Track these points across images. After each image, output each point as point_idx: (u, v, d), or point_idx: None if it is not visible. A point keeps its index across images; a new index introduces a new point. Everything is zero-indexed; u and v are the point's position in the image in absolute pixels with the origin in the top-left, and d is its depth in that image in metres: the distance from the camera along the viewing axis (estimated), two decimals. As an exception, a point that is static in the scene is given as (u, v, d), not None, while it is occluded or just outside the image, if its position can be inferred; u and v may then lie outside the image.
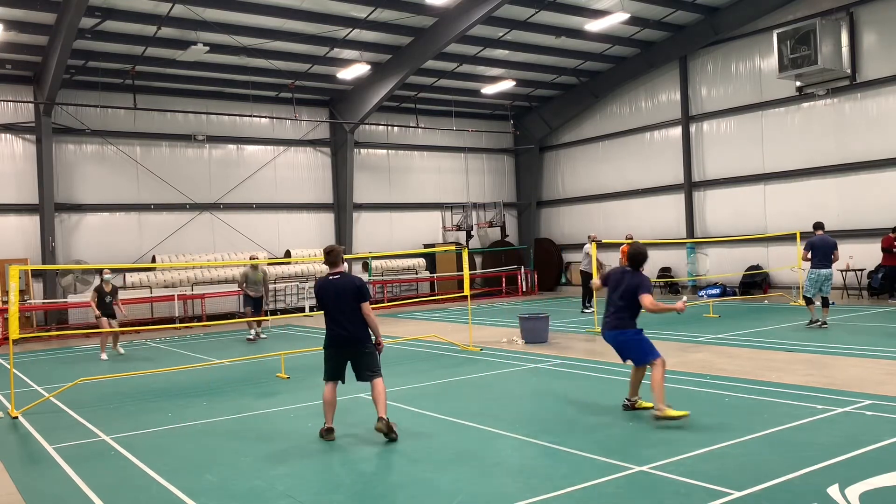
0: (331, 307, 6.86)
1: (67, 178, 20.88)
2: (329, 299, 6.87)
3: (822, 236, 13.50)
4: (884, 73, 18.77)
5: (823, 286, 13.38)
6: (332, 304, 6.85)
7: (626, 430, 6.93)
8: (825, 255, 13.26)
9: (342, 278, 6.96)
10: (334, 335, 6.94)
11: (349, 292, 6.83)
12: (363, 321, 6.92)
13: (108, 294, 14.12)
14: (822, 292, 13.45)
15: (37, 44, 18.66)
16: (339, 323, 6.88)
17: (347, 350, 6.91)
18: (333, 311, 6.87)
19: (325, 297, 6.90)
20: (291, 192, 24.67)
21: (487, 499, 5.26)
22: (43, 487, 6.10)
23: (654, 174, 24.97)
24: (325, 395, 7.08)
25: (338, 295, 6.86)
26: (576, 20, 20.76)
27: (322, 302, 6.94)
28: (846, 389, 8.17)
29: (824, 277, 13.31)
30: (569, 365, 10.84)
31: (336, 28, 19.66)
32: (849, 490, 5.01)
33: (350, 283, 6.92)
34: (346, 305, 6.82)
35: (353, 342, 6.88)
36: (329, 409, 7.06)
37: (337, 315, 6.89)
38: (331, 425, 7.04)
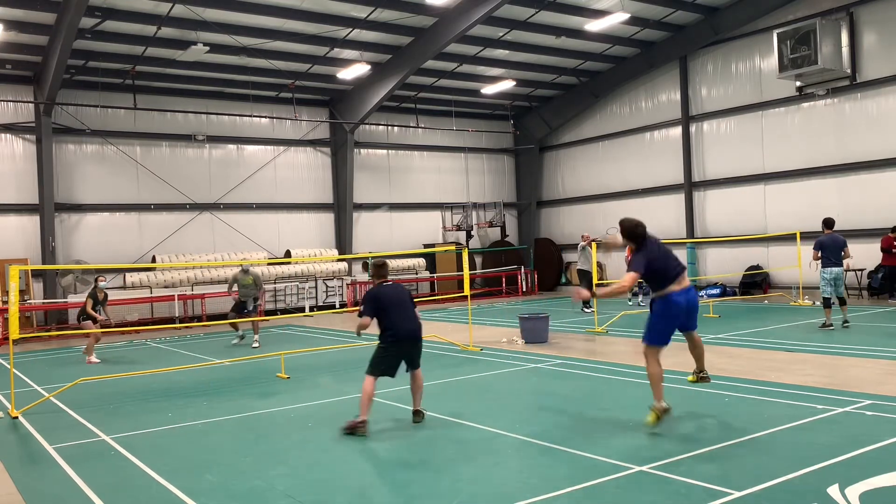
0: (394, 309, 7.52)
1: (67, 178, 20.88)
2: (392, 303, 7.55)
3: (832, 235, 13.26)
4: (884, 73, 18.77)
5: (837, 285, 13.16)
6: (396, 306, 7.55)
7: (626, 430, 6.92)
8: (835, 253, 13.05)
9: (395, 285, 7.84)
10: (403, 331, 7.51)
11: (407, 296, 7.74)
12: (419, 320, 7.77)
13: (101, 303, 14.05)
14: (836, 292, 13.20)
15: (37, 44, 18.66)
16: (405, 321, 7.54)
17: (413, 345, 7.62)
18: (398, 312, 7.53)
19: (387, 301, 7.54)
20: (291, 192, 24.67)
21: (487, 499, 5.25)
22: (43, 487, 6.10)
23: (654, 174, 24.97)
24: (368, 389, 7.29)
25: (400, 299, 7.64)
26: (576, 20, 20.76)
27: (383, 305, 7.51)
28: (846, 389, 8.17)
29: (835, 276, 13.08)
30: (569, 365, 10.83)
31: (336, 28, 19.66)
32: (849, 490, 5.01)
33: (405, 289, 7.91)
34: (407, 307, 7.64)
35: (417, 337, 7.66)
36: (369, 402, 7.28)
37: (402, 314, 7.54)
38: (366, 418, 7.23)
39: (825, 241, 13.15)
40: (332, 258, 24.40)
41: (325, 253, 24.35)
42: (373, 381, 7.35)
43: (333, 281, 23.99)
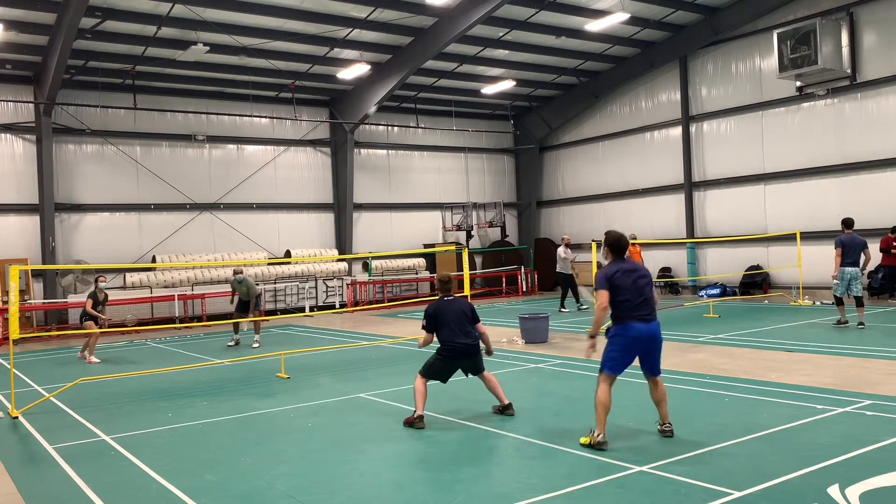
0: (452, 325, 7.71)
1: (67, 178, 20.88)
2: (450, 319, 7.75)
3: (851, 235, 13.28)
4: (884, 73, 18.77)
5: (852, 285, 13.17)
6: (454, 322, 7.75)
7: (626, 430, 6.93)
8: (854, 253, 13.06)
9: (455, 300, 7.97)
10: (460, 347, 7.69)
11: (466, 311, 7.87)
12: (477, 334, 7.90)
13: (101, 303, 14.10)
14: (851, 291, 13.21)
15: (37, 44, 18.67)
16: (462, 336, 7.70)
17: (469, 358, 7.80)
18: (455, 327, 7.70)
19: (444, 318, 7.76)
20: (291, 192, 24.67)
21: (487, 499, 5.25)
22: (43, 487, 6.10)
23: (654, 174, 24.97)
24: (420, 388, 7.62)
25: (458, 314, 7.81)
26: (576, 20, 20.75)
27: (441, 321, 7.74)
28: (846, 389, 8.17)
29: (851, 276, 13.12)
30: (569, 365, 10.83)
31: (336, 28, 19.66)
32: (849, 490, 5.01)
33: (465, 304, 8.00)
34: (465, 322, 7.77)
35: (473, 352, 7.80)
36: (423, 398, 7.58)
37: (459, 330, 7.70)
38: (422, 413, 7.50)
39: (846, 241, 13.13)
40: (332, 258, 24.40)
41: (325, 253, 24.35)
42: (424, 382, 7.67)
43: (333, 281, 24.00)
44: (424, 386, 7.64)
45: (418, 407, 7.52)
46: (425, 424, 7.41)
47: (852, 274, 13.09)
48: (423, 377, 7.69)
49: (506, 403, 7.80)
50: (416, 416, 7.46)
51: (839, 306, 13.39)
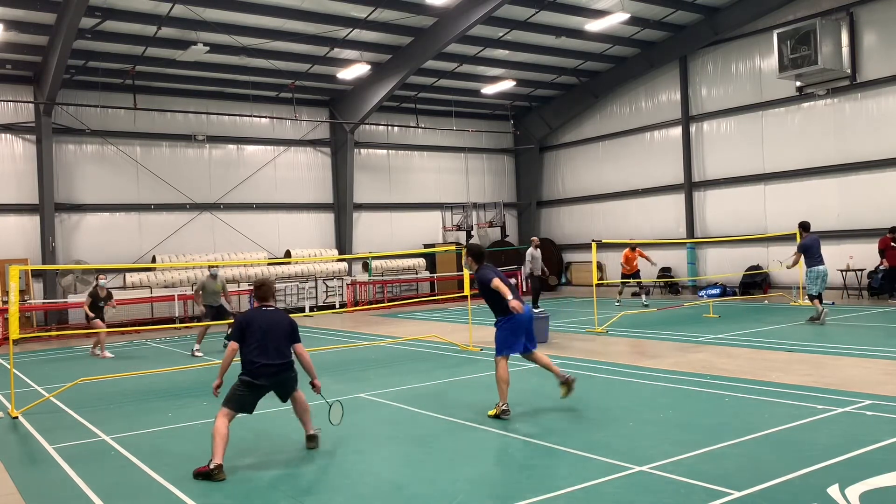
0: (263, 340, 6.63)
1: (67, 178, 20.88)
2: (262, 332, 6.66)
3: (813, 236, 14.13)
4: (884, 73, 18.77)
5: (825, 282, 13.99)
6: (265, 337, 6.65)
7: (627, 430, 6.93)
8: (819, 252, 13.86)
9: (278, 311, 6.86)
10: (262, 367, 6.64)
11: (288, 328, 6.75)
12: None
13: (103, 299, 14.17)
14: (821, 288, 14.04)
15: (37, 44, 18.67)
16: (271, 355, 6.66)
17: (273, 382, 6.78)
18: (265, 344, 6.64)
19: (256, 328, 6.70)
20: (291, 192, 24.67)
21: (487, 499, 5.25)
22: (43, 487, 6.10)
23: (654, 174, 24.97)
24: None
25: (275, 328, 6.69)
26: (576, 20, 20.76)
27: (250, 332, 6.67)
28: (846, 389, 8.17)
29: (824, 273, 13.92)
30: (569, 365, 10.82)
31: (336, 28, 19.66)
32: (849, 490, 5.01)
33: (288, 319, 6.84)
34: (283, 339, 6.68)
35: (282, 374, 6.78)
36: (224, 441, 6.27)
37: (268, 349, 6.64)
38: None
39: (809, 243, 13.93)
40: (332, 258, 24.40)
41: (325, 253, 24.34)
42: (224, 420, 6.42)
43: (333, 281, 23.99)
44: (225, 426, 6.26)
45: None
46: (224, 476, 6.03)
47: (825, 271, 13.87)
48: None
49: (309, 433, 6.74)
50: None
51: (814, 301, 14.01)
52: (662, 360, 10.78)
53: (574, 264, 28.45)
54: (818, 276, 13.87)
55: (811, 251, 13.84)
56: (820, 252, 13.94)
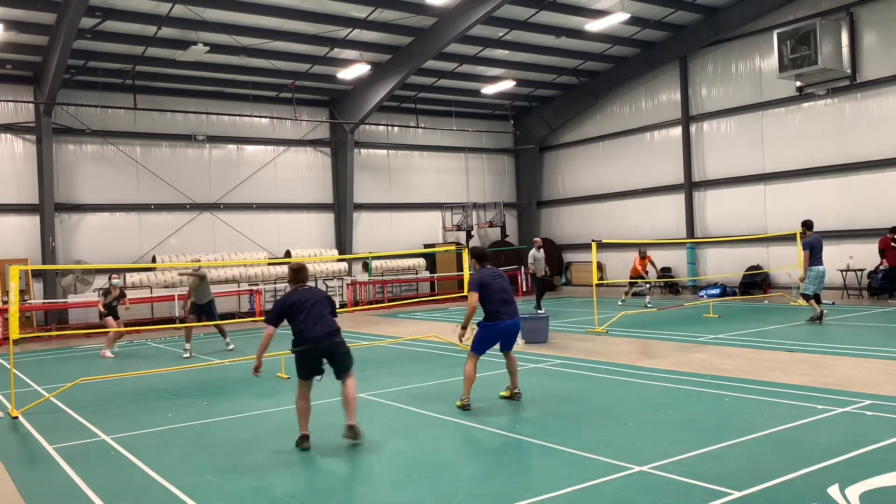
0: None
1: (67, 178, 20.88)
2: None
3: (816, 235, 14.03)
4: (884, 73, 18.77)
5: (822, 282, 13.96)
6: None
7: (626, 430, 6.93)
8: (821, 251, 13.81)
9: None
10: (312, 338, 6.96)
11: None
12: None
13: (116, 298, 14.30)
14: (819, 289, 14.00)
15: (37, 44, 18.66)
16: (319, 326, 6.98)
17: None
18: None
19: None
20: (291, 192, 24.67)
21: (487, 499, 5.25)
22: (43, 487, 6.10)
23: (654, 174, 24.97)
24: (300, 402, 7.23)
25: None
26: (576, 20, 20.76)
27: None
28: (846, 389, 8.17)
29: (824, 273, 13.89)
30: (569, 365, 10.83)
31: (336, 28, 19.66)
32: (849, 490, 5.01)
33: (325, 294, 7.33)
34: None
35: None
36: (306, 414, 7.03)
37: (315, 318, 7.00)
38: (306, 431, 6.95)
39: (813, 242, 13.83)
40: (332, 258, 24.40)
41: (325, 253, 24.34)
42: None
43: (333, 281, 23.99)
44: (304, 399, 6.93)
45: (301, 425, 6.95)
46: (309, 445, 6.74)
47: (823, 271, 13.82)
48: (301, 382, 7.02)
49: (350, 423, 6.84)
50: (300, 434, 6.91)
51: (810, 301, 13.91)
52: (662, 360, 10.78)
53: (574, 264, 28.46)
54: (818, 276, 13.84)
55: (815, 250, 13.79)
56: (821, 252, 13.91)
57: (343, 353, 7.00)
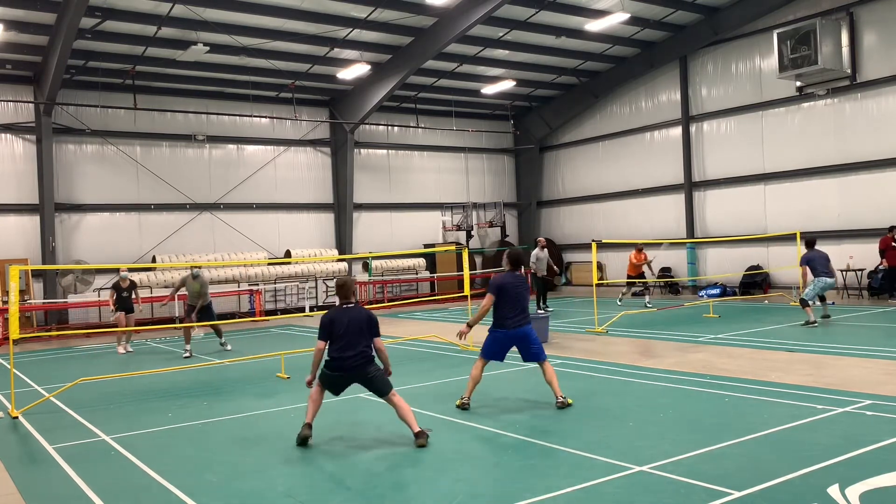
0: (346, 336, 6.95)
1: (67, 178, 20.88)
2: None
3: (818, 251, 14.27)
4: (884, 73, 18.77)
5: (824, 292, 14.23)
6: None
7: (626, 430, 6.93)
8: (825, 264, 13.95)
9: (357, 308, 7.19)
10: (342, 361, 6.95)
11: (366, 323, 7.06)
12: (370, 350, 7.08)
13: (125, 290, 14.34)
14: (819, 295, 14.28)
15: (37, 44, 18.67)
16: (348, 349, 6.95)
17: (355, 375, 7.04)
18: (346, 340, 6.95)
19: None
20: (291, 192, 24.67)
21: (487, 499, 5.25)
22: (43, 487, 6.10)
23: (654, 174, 24.97)
24: (313, 394, 7.17)
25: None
26: (576, 20, 20.76)
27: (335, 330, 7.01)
28: (846, 389, 8.17)
29: (829, 285, 14.05)
30: (569, 365, 10.83)
31: (336, 28, 19.66)
32: (849, 490, 5.01)
33: (367, 315, 7.14)
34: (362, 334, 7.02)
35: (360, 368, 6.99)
36: (315, 406, 7.07)
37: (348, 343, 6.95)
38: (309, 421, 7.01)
39: (813, 256, 14.06)
40: (332, 258, 24.40)
41: (325, 253, 24.34)
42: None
43: (333, 281, 23.98)
44: (318, 394, 7.08)
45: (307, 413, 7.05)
46: (310, 434, 6.90)
47: (831, 283, 14.06)
48: (319, 385, 7.11)
49: (416, 430, 6.80)
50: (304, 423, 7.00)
51: (806, 308, 13.92)
52: (662, 360, 10.78)
53: (574, 264, 28.45)
54: (824, 286, 13.92)
55: (813, 263, 13.97)
56: (828, 263, 13.98)
57: (373, 377, 6.92)
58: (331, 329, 6.98)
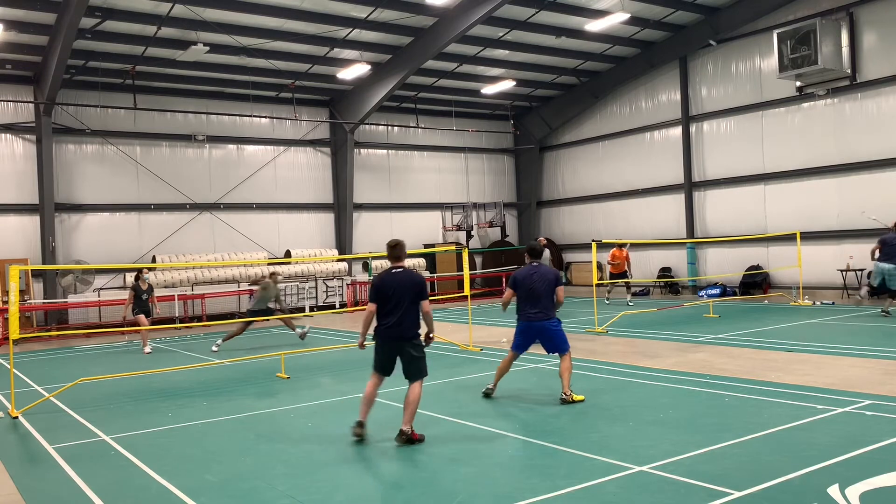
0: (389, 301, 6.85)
1: (67, 178, 20.88)
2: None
3: (894, 234, 14.57)
4: (884, 73, 18.76)
5: (887, 279, 14.47)
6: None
7: (626, 430, 6.93)
8: (892, 252, 14.33)
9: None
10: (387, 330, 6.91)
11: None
12: (418, 316, 6.98)
13: (145, 292, 14.38)
14: (889, 285, 14.53)
15: (37, 44, 18.67)
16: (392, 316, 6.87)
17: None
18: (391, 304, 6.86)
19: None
20: (291, 192, 24.67)
21: (487, 499, 5.25)
22: (43, 487, 6.10)
23: (654, 174, 24.97)
24: (367, 388, 7.09)
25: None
26: (576, 20, 20.76)
27: (380, 295, 6.90)
28: (846, 389, 8.17)
29: (886, 271, 14.39)
30: (569, 365, 10.82)
31: (336, 28, 19.66)
32: (849, 490, 5.01)
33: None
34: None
35: (404, 337, 6.90)
36: (368, 402, 7.03)
37: (393, 309, 6.87)
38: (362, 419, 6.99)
39: (888, 239, 14.47)
40: (332, 258, 24.40)
41: (325, 253, 24.34)
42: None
43: (333, 281, 23.99)
44: (372, 386, 6.97)
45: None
46: (362, 434, 6.87)
47: (887, 270, 14.36)
48: (373, 372, 7.03)
49: (404, 427, 6.70)
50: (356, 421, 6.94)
51: (882, 295, 14.63)
52: (662, 360, 10.78)
53: (574, 264, 28.45)
54: (879, 272, 14.41)
55: (885, 246, 14.38)
56: (893, 251, 14.32)
57: (411, 358, 6.87)
58: (379, 291, 6.91)
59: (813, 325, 13.94)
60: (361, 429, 6.88)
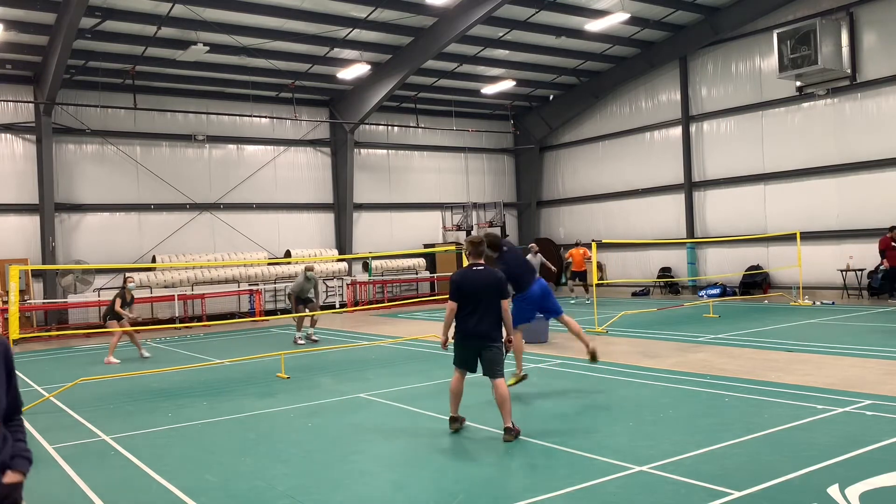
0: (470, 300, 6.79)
1: (67, 178, 20.88)
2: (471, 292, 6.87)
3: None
4: (884, 73, 18.76)
5: None
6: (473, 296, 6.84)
7: (626, 430, 6.93)
8: None
9: (488, 270, 6.96)
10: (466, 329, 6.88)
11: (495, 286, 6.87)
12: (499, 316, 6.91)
13: (128, 303, 14.19)
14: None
15: (37, 44, 18.67)
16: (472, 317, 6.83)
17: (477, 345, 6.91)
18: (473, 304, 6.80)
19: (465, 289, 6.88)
20: (291, 192, 24.67)
21: (487, 499, 5.25)
22: (43, 487, 6.10)
23: (654, 174, 24.97)
24: (453, 384, 7.19)
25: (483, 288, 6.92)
26: (576, 20, 20.75)
27: (461, 294, 6.84)
28: (846, 389, 8.17)
29: None
30: (569, 365, 10.84)
31: (336, 28, 19.66)
32: (849, 490, 5.01)
33: (497, 277, 6.97)
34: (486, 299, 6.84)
35: (483, 339, 6.85)
36: (456, 397, 7.14)
37: (475, 309, 6.82)
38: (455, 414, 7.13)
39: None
40: (332, 258, 24.40)
41: (325, 253, 24.34)
42: (457, 376, 7.32)
43: (333, 281, 23.99)
44: (457, 382, 7.07)
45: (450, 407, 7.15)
46: (460, 427, 7.11)
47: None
48: (455, 367, 7.10)
49: (507, 425, 6.77)
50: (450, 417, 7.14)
51: None
52: (663, 360, 10.78)
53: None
54: None
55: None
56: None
57: (490, 356, 6.86)
58: (460, 289, 6.86)
59: (813, 325, 13.94)
60: (458, 423, 7.08)
